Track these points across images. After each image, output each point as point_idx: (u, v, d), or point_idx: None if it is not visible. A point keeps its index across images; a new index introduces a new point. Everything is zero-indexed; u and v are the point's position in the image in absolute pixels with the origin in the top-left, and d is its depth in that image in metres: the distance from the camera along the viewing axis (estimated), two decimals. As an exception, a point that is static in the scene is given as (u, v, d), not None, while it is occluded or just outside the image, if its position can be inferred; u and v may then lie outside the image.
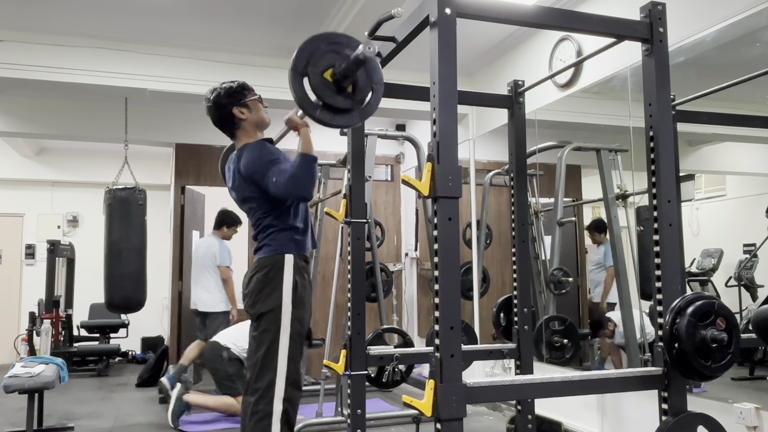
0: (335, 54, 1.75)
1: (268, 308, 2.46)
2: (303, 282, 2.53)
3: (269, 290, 2.47)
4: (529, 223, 3.09)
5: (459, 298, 1.83)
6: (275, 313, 2.45)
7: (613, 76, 3.75)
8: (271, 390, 2.41)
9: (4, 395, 4.74)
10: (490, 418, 4.65)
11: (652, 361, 2.06)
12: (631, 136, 3.59)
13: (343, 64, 1.73)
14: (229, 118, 2.62)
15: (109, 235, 5.37)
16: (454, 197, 1.81)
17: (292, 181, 2.37)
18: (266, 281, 2.48)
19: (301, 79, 1.74)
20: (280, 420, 2.40)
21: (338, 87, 1.75)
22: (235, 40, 4.74)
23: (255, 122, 2.65)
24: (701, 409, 2.07)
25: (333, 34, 1.78)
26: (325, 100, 1.73)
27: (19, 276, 8.06)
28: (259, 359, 2.44)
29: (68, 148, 7.76)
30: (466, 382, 1.78)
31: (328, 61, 1.75)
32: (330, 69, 1.75)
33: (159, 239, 7.12)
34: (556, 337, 4.26)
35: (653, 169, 2.13)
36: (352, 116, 1.77)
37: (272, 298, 2.46)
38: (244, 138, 2.64)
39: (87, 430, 4.40)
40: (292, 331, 2.45)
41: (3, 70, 4.42)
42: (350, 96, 1.76)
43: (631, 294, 3.98)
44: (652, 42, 2.17)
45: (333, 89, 1.75)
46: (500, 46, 4.85)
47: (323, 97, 1.73)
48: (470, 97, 3.23)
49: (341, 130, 3.53)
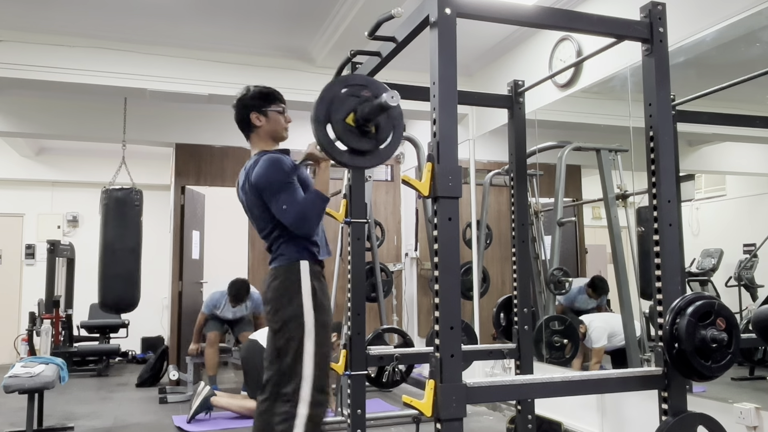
0: (355, 98, 1.77)
1: (290, 315, 2.43)
2: (321, 287, 2.50)
3: (288, 297, 2.44)
4: (529, 223, 3.09)
5: (459, 298, 1.83)
6: (298, 320, 2.42)
7: (613, 76, 3.75)
8: (296, 395, 2.39)
9: (4, 395, 4.73)
10: (490, 418, 4.65)
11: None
12: (631, 136, 3.59)
13: (366, 108, 1.74)
14: (246, 121, 2.60)
15: (104, 236, 5.37)
16: (454, 197, 1.81)
17: (301, 218, 2.37)
18: (284, 289, 2.45)
19: (325, 127, 1.75)
20: (305, 424, 2.38)
21: (361, 130, 1.76)
22: (235, 39, 4.75)
23: (269, 133, 2.61)
24: (701, 409, 2.07)
25: (350, 77, 1.79)
26: (350, 144, 1.75)
27: (19, 276, 8.06)
28: (286, 366, 2.42)
29: (68, 148, 7.76)
30: (466, 382, 1.78)
31: (349, 105, 1.77)
32: (352, 113, 1.76)
33: (159, 239, 7.12)
34: (556, 337, 4.27)
35: (653, 169, 2.13)
36: (377, 156, 1.79)
37: (293, 305, 2.43)
38: (259, 144, 2.61)
39: (87, 430, 4.40)
40: (316, 338, 2.43)
41: (3, 70, 4.42)
42: (373, 137, 1.78)
43: (632, 294, 3.99)
44: (652, 42, 2.17)
45: (356, 133, 1.76)
46: (500, 46, 4.85)
47: (348, 142, 1.75)
48: (470, 97, 3.22)
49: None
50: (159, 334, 7.93)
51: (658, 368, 2.05)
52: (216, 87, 4.82)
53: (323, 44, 4.69)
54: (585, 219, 5.29)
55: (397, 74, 3.10)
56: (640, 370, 2.09)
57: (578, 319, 4.34)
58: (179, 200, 6.36)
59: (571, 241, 5.21)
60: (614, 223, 4.15)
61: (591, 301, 4.67)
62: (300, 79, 4.97)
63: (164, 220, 7.17)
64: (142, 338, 7.95)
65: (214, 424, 4.45)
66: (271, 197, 2.42)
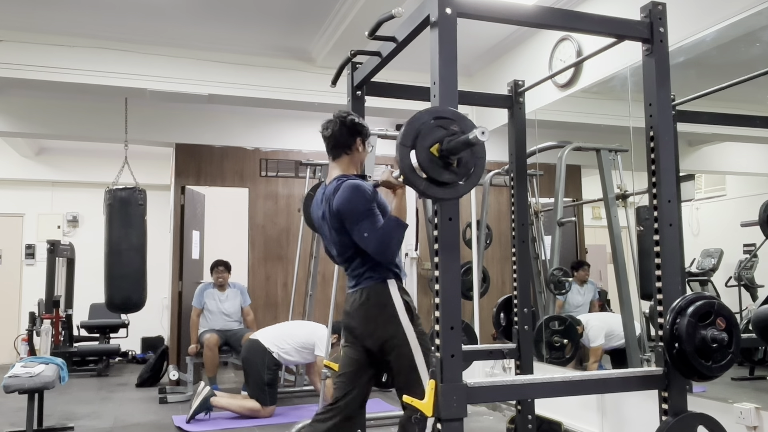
0: (442, 129, 1.78)
1: (391, 334, 2.46)
2: (409, 299, 2.55)
3: (386, 317, 2.47)
4: (529, 223, 3.09)
5: (459, 298, 1.83)
6: (401, 337, 2.45)
7: (613, 76, 3.75)
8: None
9: (3, 395, 4.74)
10: (490, 418, 4.65)
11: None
12: (631, 136, 3.59)
13: (452, 141, 1.76)
14: (349, 144, 2.62)
15: (109, 235, 5.37)
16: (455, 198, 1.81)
17: (383, 245, 2.40)
18: (379, 309, 2.48)
19: (409, 153, 1.77)
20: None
21: (444, 162, 1.78)
22: (234, 40, 4.75)
23: (359, 161, 2.69)
24: (701, 409, 2.08)
25: (441, 110, 1.81)
26: (430, 173, 1.77)
27: (19, 276, 8.07)
28: (411, 382, 2.43)
29: (68, 148, 7.76)
30: (466, 382, 1.78)
31: (435, 136, 1.78)
32: (437, 144, 1.78)
33: (159, 239, 7.12)
34: (556, 337, 4.26)
35: (653, 169, 2.14)
36: (455, 189, 1.81)
37: (392, 324, 2.46)
38: (344, 168, 2.63)
39: (87, 430, 4.40)
40: (422, 348, 2.47)
41: (2, 70, 4.42)
42: (454, 170, 1.80)
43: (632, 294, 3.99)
44: (653, 42, 2.17)
45: (439, 164, 1.78)
46: (500, 46, 4.85)
47: (428, 171, 1.77)
48: (471, 97, 3.23)
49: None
50: (159, 334, 7.93)
51: (659, 368, 2.05)
52: (216, 87, 4.83)
53: (323, 44, 4.69)
54: (585, 219, 5.30)
55: (397, 74, 3.10)
56: (640, 370, 2.09)
57: (577, 319, 4.34)
58: (179, 200, 6.36)
59: (571, 241, 5.21)
60: (614, 223, 4.16)
61: (583, 289, 4.68)
62: (300, 79, 4.98)
63: (164, 220, 7.17)
64: (142, 338, 7.95)
65: (214, 424, 4.45)
66: (353, 225, 2.44)
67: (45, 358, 4.24)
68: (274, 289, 6.55)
